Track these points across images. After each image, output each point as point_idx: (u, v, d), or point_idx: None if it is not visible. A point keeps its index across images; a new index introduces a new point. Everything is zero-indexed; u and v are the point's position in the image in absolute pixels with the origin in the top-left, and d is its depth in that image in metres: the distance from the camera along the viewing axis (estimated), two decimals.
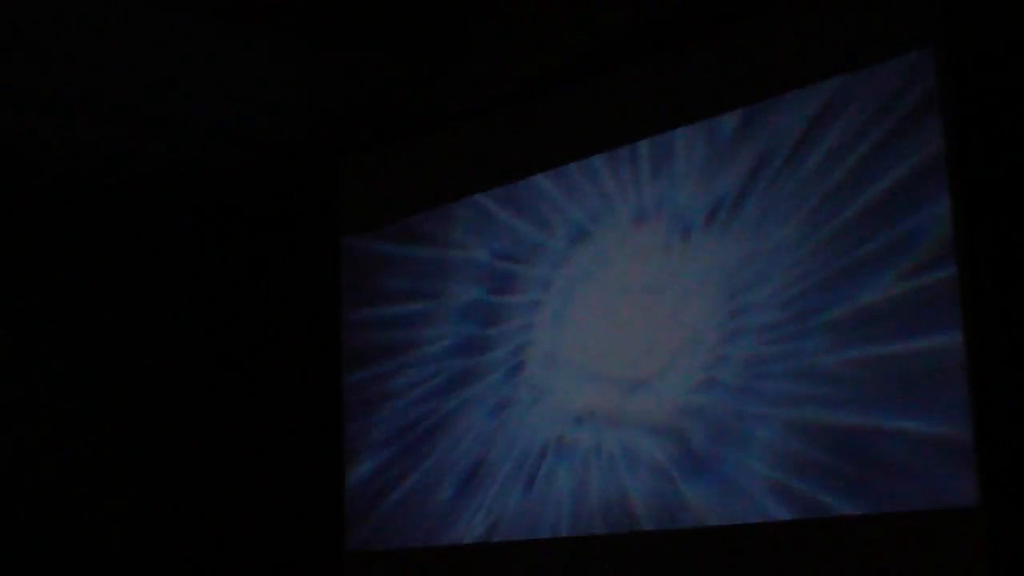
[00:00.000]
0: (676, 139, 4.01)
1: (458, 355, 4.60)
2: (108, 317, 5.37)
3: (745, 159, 3.83)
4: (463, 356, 4.58)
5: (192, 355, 5.55)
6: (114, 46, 4.26)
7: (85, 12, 4.03)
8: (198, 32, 4.22)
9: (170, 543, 5.35)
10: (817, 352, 3.59)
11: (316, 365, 5.44)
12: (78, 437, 5.21)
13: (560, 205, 4.33)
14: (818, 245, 3.62)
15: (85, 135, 4.91)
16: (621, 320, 4.12)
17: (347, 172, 5.05)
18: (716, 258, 3.88)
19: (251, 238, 5.77)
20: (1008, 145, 3.47)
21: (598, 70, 4.25)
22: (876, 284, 3.48)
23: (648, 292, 4.04)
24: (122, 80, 4.50)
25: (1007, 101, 3.49)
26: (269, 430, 5.63)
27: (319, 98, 4.75)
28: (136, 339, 5.42)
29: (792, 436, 3.62)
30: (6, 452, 5.04)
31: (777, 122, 3.76)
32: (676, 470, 3.91)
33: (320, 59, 4.45)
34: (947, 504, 3.28)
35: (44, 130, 4.85)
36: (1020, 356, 3.41)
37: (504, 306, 4.48)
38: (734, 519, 3.73)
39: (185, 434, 5.47)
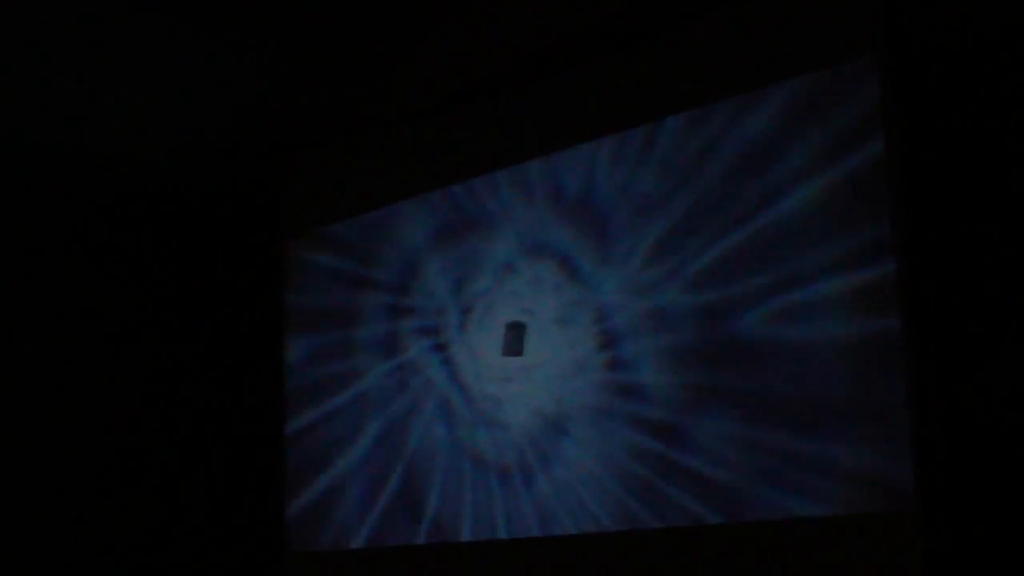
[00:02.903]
0: (612, 143, 4.01)
1: (404, 356, 4.58)
2: (45, 314, 5.31)
3: (681, 165, 3.84)
4: (410, 357, 4.56)
5: (130, 355, 5.49)
6: (55, 41, 4.22)
7: (23, 6, 3.98)
8: (140, 28, 4.19)
9: (107, 541, 5.29)
10: (750, 355, 3.61)
11: (258, 366, 5.40)
12: (14, 435, 5.15)
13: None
14: (753, 251, 3.64)
15: (26, 131, 4.85)
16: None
17: (290, 172, 5.02)
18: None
19: (192, 237, 5.72)
20: (949, 152, 3.52)
21: (543, 72, 4.26)
22: (814, 287, 3.51)
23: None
24: (63, 76, 4.46)
25: (948, 109, 3.53)
26: (209, 429, 5.58)
27: (263, 98, 4.73)
28: (72, 337, 5.36)
29: (722, 439, 3.64)
30: None
31: (715, 129, 3.77)
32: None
33: (265, 58, 4.43)
34: (883, 507, 3.31)
35: None
36: (957, 360, 3.45)
37: (448, 305, 4.47)
38: (666, 521, 3.74)
39: (123, 433, 5.41)
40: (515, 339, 3.71)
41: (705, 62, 3.80)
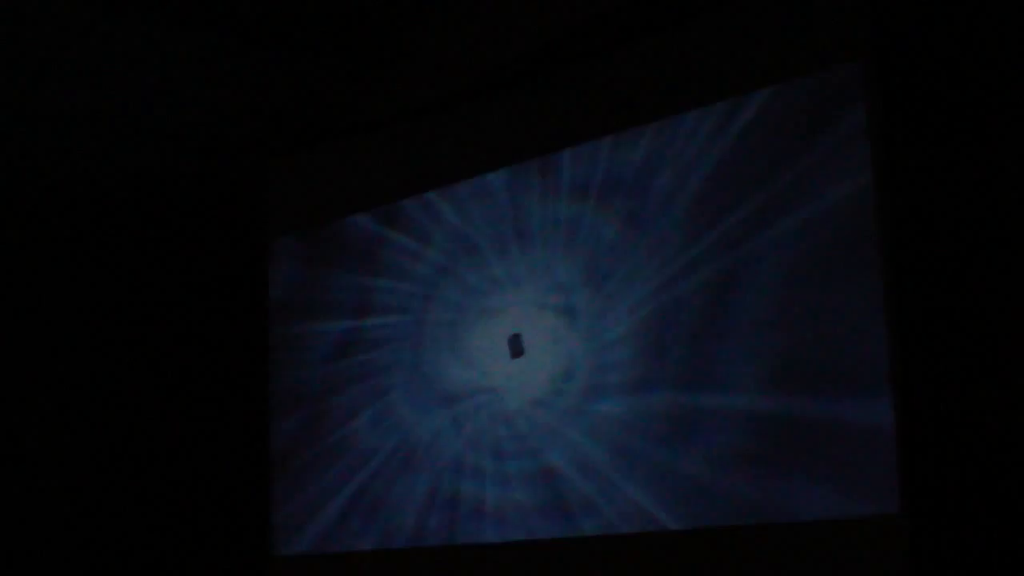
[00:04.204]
0: (595, 149, 4.02)
1: (384, 360, 4.58)
2: (31, 317, 5.29)
3: (663, 174, 3.85)
4: (388, 361, 4.56)
5: (118, 359, 5.47)
6: (40, 44, 4.20)
7: (11, 9, 3.97)
8: (127, 31, 4.17)
9: (89, 545, 5.27)
10: (736, 362, 3.62)
11: (243, 367, 5.39)
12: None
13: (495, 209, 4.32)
14: (735, 263, 3.65)
15: (9, 135, 4.83)
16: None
17: (276, 174, 5.00)
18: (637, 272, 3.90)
19: (180, 239, 5.70)
20: (937, 160, 3.53)
21: (529, 75, 4.25)
22: (799, 303, 3.51)
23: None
24: (48, 79, 4.44)
25: (936, 116, 3.55)
26: (195, 432, 5.57)
27: (250, 99, 4.71)
28: (58, 341, 5.34)
29: (699, 444, 3.66)
30: None
31: (696, 137, 3.76)
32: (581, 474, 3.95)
33: (252, 60, 4.41)
34: (870, 511, 3.32)
35: None
36: (945, 362, 3.47)
37: (430, 306, 4.46)
38: (655, 525, 3.75)
39: (107, 436, 5.39)
40: (517, 345, 4.12)
41: (690, 67, 3.81)
